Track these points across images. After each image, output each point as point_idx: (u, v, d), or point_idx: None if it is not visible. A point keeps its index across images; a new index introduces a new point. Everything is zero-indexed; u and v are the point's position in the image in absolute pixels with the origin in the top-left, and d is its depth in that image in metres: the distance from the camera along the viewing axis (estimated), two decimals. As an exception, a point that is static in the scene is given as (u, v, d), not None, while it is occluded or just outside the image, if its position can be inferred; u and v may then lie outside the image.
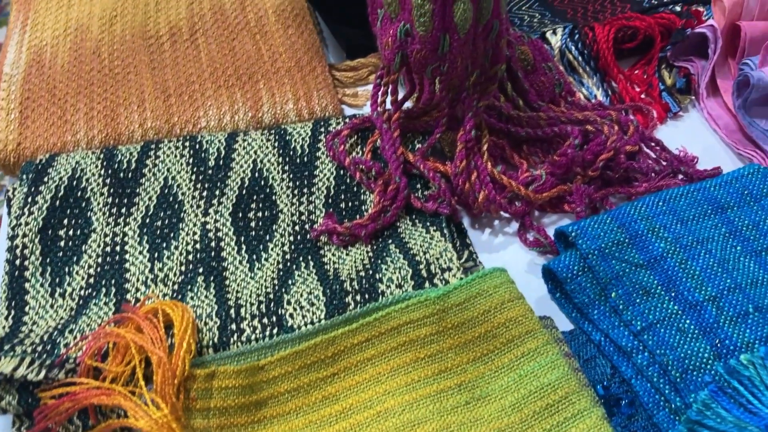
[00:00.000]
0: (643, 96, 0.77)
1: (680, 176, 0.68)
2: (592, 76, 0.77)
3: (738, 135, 0.73)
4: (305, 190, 0.66)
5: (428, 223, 0.62)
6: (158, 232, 0.62)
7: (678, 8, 0.81)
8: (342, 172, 0.67)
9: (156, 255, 0.61)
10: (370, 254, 0.60)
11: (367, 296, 0.56)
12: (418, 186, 0.66)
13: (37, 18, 0.84)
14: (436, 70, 0.64)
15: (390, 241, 0.61)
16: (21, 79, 0.75)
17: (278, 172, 0.67)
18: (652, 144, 0.70)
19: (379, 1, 0.64)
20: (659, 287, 0.58)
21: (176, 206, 0.64)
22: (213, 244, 0.62)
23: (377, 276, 0.58)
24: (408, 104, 0.71)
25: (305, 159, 0.68)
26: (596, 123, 0.70)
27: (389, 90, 0.67)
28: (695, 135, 0.74)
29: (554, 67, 0.76)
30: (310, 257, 0.61)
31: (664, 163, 0.68)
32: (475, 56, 0.65)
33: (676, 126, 0.75)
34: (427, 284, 0.56)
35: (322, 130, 0.71)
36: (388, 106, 0.68)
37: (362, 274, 0.58)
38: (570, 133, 0.67)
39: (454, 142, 0.69)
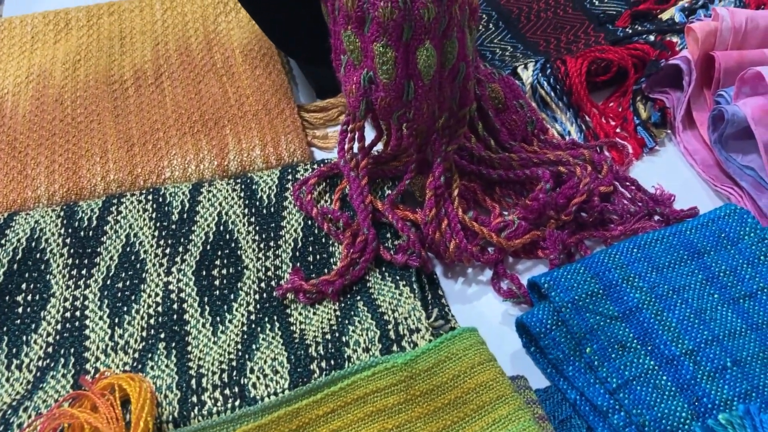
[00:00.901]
0: (618, 130, 0.75)
1: (656, 217, 0.66)
2: (565, 111, 0.75)
3: (715, 170, 0.71)
4: (271, 243, 0.64)
5: (398, 277, 0.61)
6: (119, 294, 0.60)
7: (652, 38, 0.80)
8: (310, 222, 0.66)
9: (116, 320, 0.59)
10: (338, 313, 0.59)
11: (332, 362, 0.54)
12: (388, 235, 0.64)
13: (-2, 64, 0.82)
14: (402, 117, 0.63)
15: (358, 297, 0.60)
16: (-20, 131, 0.73)
17: (244, 225, 0.65)
18: (627, 183, 0.69)
19: (341, 47, 0.62)
20: (635, 341, 0.56)
21: (138, 265, 0.62)
22: (175, 306, 0.60)
23: (344, 339, 0.56)
24: (378, 148, 0.69)
25: (272, 209, 0.67)
26: (569, 164, 0.68)
27: (356, 136, 0.65)
28: (672, 170, 0.73)
29: (526, 104, 0.74)
30: (275, 317, 0.59)
31: (640, 204, 0.67)
32: (442, 100, 0.64)
33: (652, 161, 0.74)
34: (395, 347, 0.54)
35: (290, 177, 0.69)
36: (357, 151, 0.67)
37: (328, 337, 0.56)
38: (541, 176, 0.66)
39: (425, 186, 0.67)
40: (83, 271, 0.62)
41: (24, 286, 0.61)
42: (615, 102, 0.78)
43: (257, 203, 0.67)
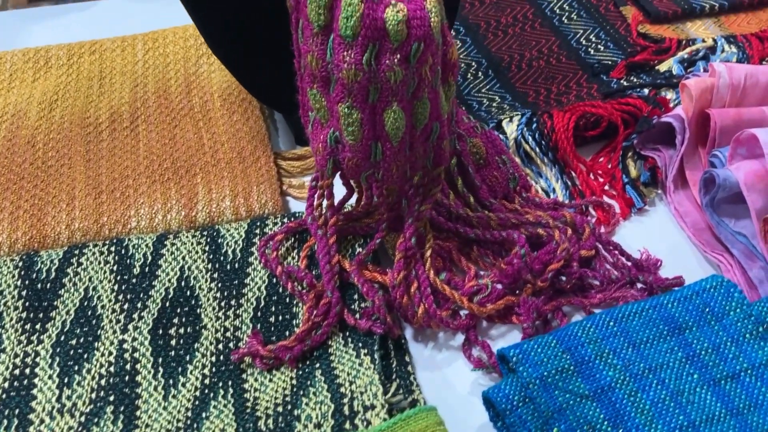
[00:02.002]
0: (607, 188, 0.72)
1: (639, 285, 0.63)
2: (550, 167, 0.72)
3: (706, 234, 0.68)
4: (233, 302, 0.61)
5: (360, 344, 0.58)
6: (71, 352, 0.58)
7: (646, 91, 0.77)
8: (275, 280, 0.63)
9: (66, 380, 0.56)
10: (294, 382, 0.56)
11: (280, 439, 0.51)
12: (356, 296, 0.62)
13: (-25, 103, 0.80)
14: (370, 177, 0.60)
15: (317, 365, 0.57)
16: (-51, 173, 0.72)
17: (206, 281, 0.63)
18: (610, 248, 0.65)
19: (308, 105, 0.60)
20: (606, 422, 0.52)
21: (94, 321, 0.60)
22: (128, 366, 0.57)
23: (296, 413, 0.53)
24: (352, 201, 0.66)
25: (236, 265, 0.64)
26: (548, 226, 0.65)
27: (324, 194, 0.63)
28: (661, 232, 0.69)
29: (509, 159, 0.71)
30: (230, 382, 0.56)
31: (623, 270, 0.63)
32: (414, 159, 0.61)
33: (641, 222, 0.70)
34: (347, 424, 0.51)
35: (258, 231, 0.66)
36: (326, 209, 0.64)
37: (280, 409, 0.53)
38: (516, 240, 0.62)
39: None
40: (37, 326, 0.60)
41: (-27, 341, 0.59)
42: (605, 157, 0.75)
43: (221, 258, 0.64)
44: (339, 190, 0.64)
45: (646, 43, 0.83)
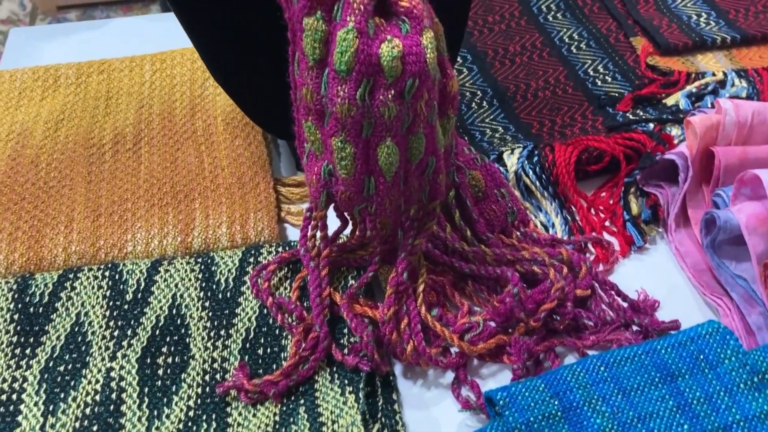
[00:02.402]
0: (607, 223, 0.71)
1: (634, 327, 0.62)
2: (550, 201, 0.71)
3: (706, 276, 0.66)
4: (222, 332, 0.61)
5: (346, 381, 0.57)
6: (59, 379, 0.58)
7: (651, 126, 0.75)
8: (265, 311, 0.63)
9: (51, 408, 0.56)
10: (277, 418, 0.55)
11: (258, 478, 0.51)
12: (345, 331, 0.61)
13: (-17, 120, 0.81)
14: (363, 210, 0.60)
15: (302, 401, 0.56)
16: (-48, 192, 0.73)
17: (197, 309, 0.63)
18: (607, 287, 0.64)
19: (304, 136, 0.60)
20: (592, 472, 0.51)
21: (83, 348, 0.60)
22: (114, 395, 0.57)
23: (276, 451, 0.53)
24: (347, 232, 0.66)
25: (228, 294, 0.64)
26: (544, 264, 0.64)
27: (318, 225, 0.62)
28: (661, 272, 0.68)
29: (508, 193, 0.70)
30: (214, 416, 0.56)
31: (619, 312, 0.62)
32: (409, 193, 0.60)
33: (640, 260, 0.69)
34: (327, 465, 0.51)
35: (252, 260, 0.66)
36: (320, 240, 0.64)
37: (261, 446, 0.53)
38: (510, 279, 0.62)
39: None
40: (27, 351, 0.60)
41: (-36, 364, 0.59)
42: (607, 192, 0.74)
43: (214, 286, 0.64)
44: (334, 222, 0.64)
45: (654, 76, 0.82)
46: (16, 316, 0.62)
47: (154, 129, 0.79)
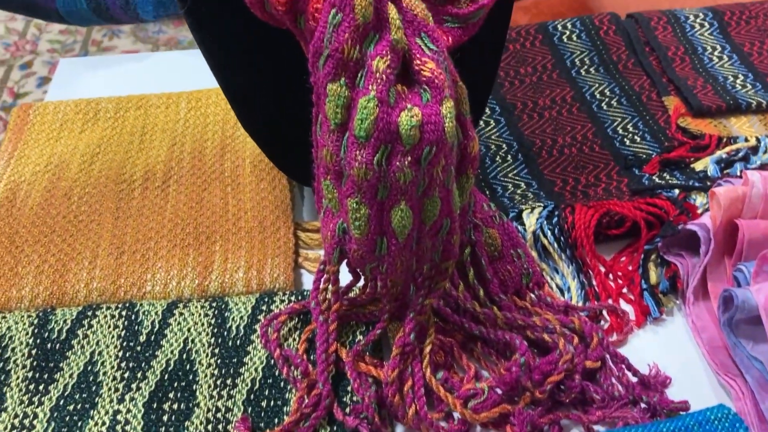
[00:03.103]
0: (624, 290, 0.70)
1: (642, 404, 0.61)
2: (567, 264, 0.71)
3: (722, 354, 0.65)
4: (229, 381, 0.62)
5: (345, 441, 0.58)
6: (67, 418, 0.60)
7: (677, 192, 0.74)
8: (272, 362, 0.64)
9: (58, 447, 0.58)
10: (273, 476, 0.56)
11: None
12: (349, 388, 0.61)
13: (24, 150, 0.85)
14: (375, 269, 0.60)
15: (300, 458, 0.57)
16: (-13, 221, 0.76)
17: (207, 356, 0.64)
18: (617, 360, 0.63)
19: (321, 192, 0.61)
20: None
21: (94, 388, 0.62)
22: (119, 438, 0.59)
23: None
24: (360, 284, 0.67)
25: (238, 342, 0.65)
26: (554, 333, 0.63)
27: (331, 279, 0.63)
28: (675, 346, 0.67)
29: (524, 254, 0.70)
30: (214, 466, 0.57)
31: (628, 388, 0.61)
32: (422, 253, 0.61)
33: (655, 332, 0.68)
34: None
35: (264, 308, 0.67)
36: (331, 294, 0.64)
37: (254, 503, 0.54)
38: (518, 347, 0.61)
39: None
40: (40, 387, 0.62)
41: (-19, 395, 0.61)
42: (627, 258, 0.73)
43: (225, 333, 0.65)
44: (346, 276, 0.64)
45: (684, 138, 0.81)
46: (33, 351, 0.64)
47: (184, 168, 0.81)
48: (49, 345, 0.65)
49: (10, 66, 2.46)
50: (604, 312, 0.68)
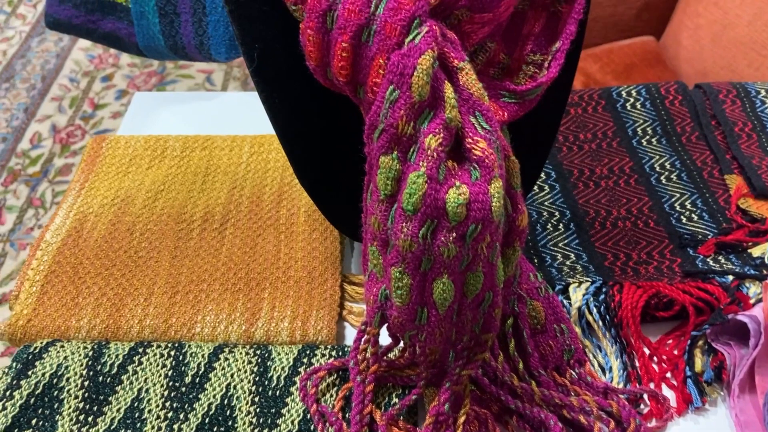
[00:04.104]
0: (668, 374, 0.69)
1: (675, 499, 0.60)
2: (611, 343, 0.70)
3: (764, 452, 0.63)
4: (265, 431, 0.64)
5: (371, 506, 0.58)
6: (110, 453, 0.63)
7: (730, 278, 0.73)
8: (308, 416, 0.65)
9: (99, 480, 0.61)
10: None
11: None
12: (381, 450, 0.62)
13: (95, 182, 0.89)
14: (414, 337, 0.61)
15: None
16: (55, 249, 0.79)
17: (247, 403, 0.66)
18: (653, 449, 0.63)
19: (367, 256, 0.62)
20: None
21: (138, 425, 0.64)
22: (156, 478, 0.61)
23: None
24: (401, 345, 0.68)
25: (278, 392, 0.67)
26: (590, 416, 0.63)
27: (370, 341, 0.64)
28: (716, 438, 0.65)
29: (568, 329, 0.70)
30: None
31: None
32: (462, 325, 0.61)
33: (696, 421, 0.67)
34: None
35: (305, 360, 0.69)
36: (370, 355, 0.65)
37: None
38: (552, 428, 0.61)
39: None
40: (90, 419, 0.65)
41: (34, 422, 0.65)
42: (674, 341, 0.72)
43: (266, 382, 0.67)
44: (386, 337, 0.65)
45: (743, 221, 0.79)
46: (86, 383, 0.67)
47: (242, 212, 0.84)
48: (100, 378, 0.68)
49: (93, 77, 2.58)
50: (645, 396, 0.68)
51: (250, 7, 0.64)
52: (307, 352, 0.70)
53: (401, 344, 0.67)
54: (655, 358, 0.70)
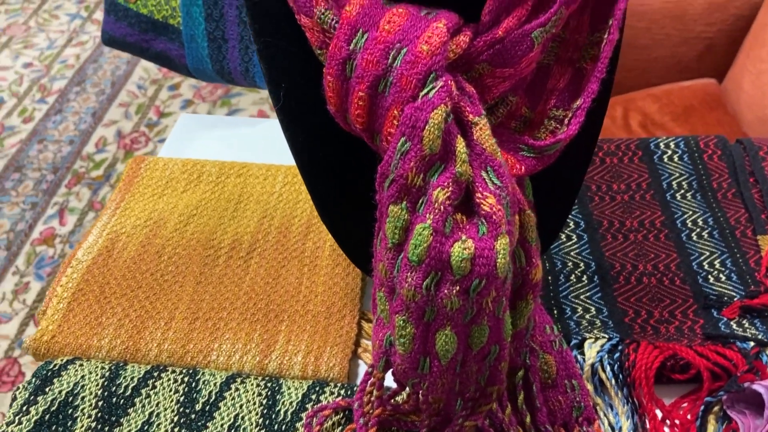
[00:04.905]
0: (680, 440, 0.68)
1: None
2: (623, 403, 0.69)
3: None
4: (267, 466, 0.65)
5: None
6: (117, 475, 0.64)
7: (750, 345, 0.71)
8: (311, 454, 0.66)
9: (103, 501, 0.63)
10: None
11: None
12: (379, 495, 0.63)
13: (130, 202, 0.92)
14: (416, 385, 0.61)
15: None
16: (85, 267, 0.82)
17: (252, 436, 0.67)
18: None
19: (376, 302, 0.63)
20: None
21: (145, 449, 0.66)
22: (157, 504, 0.62)
23: None
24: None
25: (284, 427, 0.68)
26: (592, 478, 0.62)
27: (376, 384, 0.65)
28: None
29: (579, 386, 0.69)
30: None
31: None
32: (466, 377, 0.61)
33: (705, 492, 0.65)
34: None
35: (314, 397, 0.70)
36: (374, 398, 0.66)
37: None
38: (551, 490, 0.60)
39: (437, 449, 0.65)
40: (100, 438, 0.67)
41: (48, 437, 0.67)
42: (688, 404, 0.70)
43: (273, 416, 0.68)
44: (393, 381, 0.66)
45: (772, 286, 0.77)
46: (100, 403, 0.69)
47: (269, 242, 0.86)
48: (114, 399, 0.70)
49: (161, 85, 2.65)
50: (653, 461, 0.66)
51: (277, 48, 0.66)
52: (317, 389, 0.71)
53: (407, 389, 0.67)
54: (667, 422, 0.69)
